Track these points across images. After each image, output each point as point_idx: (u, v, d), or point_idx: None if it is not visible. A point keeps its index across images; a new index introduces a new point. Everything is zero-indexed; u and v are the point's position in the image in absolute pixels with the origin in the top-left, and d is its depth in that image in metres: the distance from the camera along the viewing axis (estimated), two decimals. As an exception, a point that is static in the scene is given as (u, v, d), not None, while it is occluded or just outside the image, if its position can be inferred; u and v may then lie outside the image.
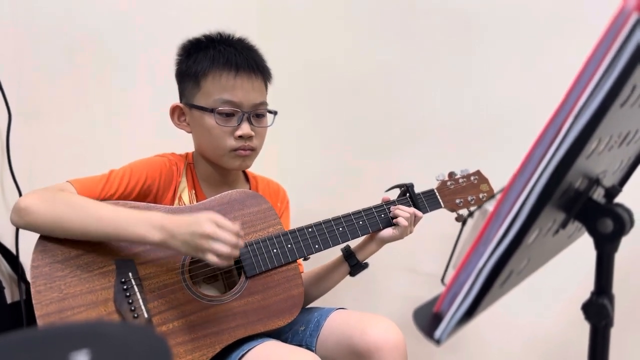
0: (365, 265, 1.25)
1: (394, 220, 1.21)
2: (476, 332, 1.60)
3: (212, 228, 0.97)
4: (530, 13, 1.48)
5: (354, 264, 1.23)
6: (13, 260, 1.32)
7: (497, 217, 0.53)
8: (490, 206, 0.55)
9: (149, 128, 1.56)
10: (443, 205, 1.27)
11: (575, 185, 0.59)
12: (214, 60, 1.15)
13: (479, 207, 1.20)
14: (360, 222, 1.20)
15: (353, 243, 1.26)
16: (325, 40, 1.84)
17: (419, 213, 1.22)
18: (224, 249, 0.97)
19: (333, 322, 1.17)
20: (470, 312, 0.53)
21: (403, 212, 1.20)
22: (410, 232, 1.22)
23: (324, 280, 1.27)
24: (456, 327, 0.54)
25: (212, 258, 0.97)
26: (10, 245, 1.31)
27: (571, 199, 0.60)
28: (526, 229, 0.51)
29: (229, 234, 0.98)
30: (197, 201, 1.20)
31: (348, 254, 1.25)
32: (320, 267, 1.29)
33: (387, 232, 1.21)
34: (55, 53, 1.42)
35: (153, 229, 0.99)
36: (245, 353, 1.04)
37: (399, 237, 1.22)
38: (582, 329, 0.66)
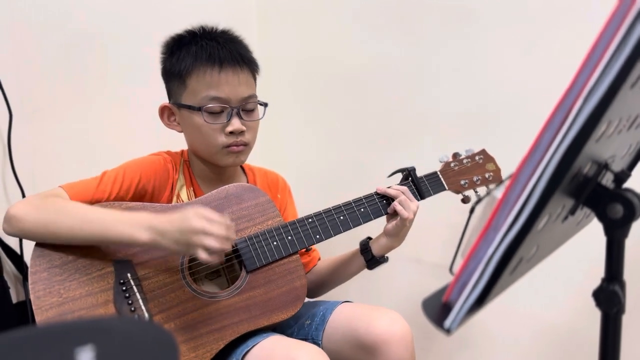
0: (383, 260, 1.21)
1: (391, 207, 1.16)
2: (483, 321, 1.59)
3: (201, 223, 0.94)
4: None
5: (369, 258, 1.20)
6: (18, 260, 1.31)
7: (506, 204, 0.52)
8: (498, 193, 0.54)
9: (151, 126, 1.54)
10: (447, 187, 1.22)
11: (584, 170, 0.58)
12: (196, 57, 1.12)
13: (486, 187, 1.19)
14: (362, 209, 1.17)
15: (373, 235, 1.23)
16: (326, 34, 1.83)
17: (410, 195, 1.16)
18: (215, 243, 0.94)
19: (339, 315, 1.16)
20: (481, 301, 0.53)
21: (395, 191, 1.16)
22: (414, 211, 1.15)
23: (339, 271, 1.25)
24: (466, 316, 0.53)
25: (202, 255, 0.94)
26: (14, 245, 1.31)
27: (580, 184, 0.59)
28: (536, 215, 0.50)
29: (218, 227, 0.95)
30: (195, 198, 1.18)
31: (364, 248, 1.21)
32: (338, 257, 1.27)
33: (390, 224, 1.18)
34: (56, 52, 1.41)
35: (141, 229, 0.97)
36: (251, 349, 1.03)
37: (404, 221, 1.15)
38: (592, 317, 0.65)
